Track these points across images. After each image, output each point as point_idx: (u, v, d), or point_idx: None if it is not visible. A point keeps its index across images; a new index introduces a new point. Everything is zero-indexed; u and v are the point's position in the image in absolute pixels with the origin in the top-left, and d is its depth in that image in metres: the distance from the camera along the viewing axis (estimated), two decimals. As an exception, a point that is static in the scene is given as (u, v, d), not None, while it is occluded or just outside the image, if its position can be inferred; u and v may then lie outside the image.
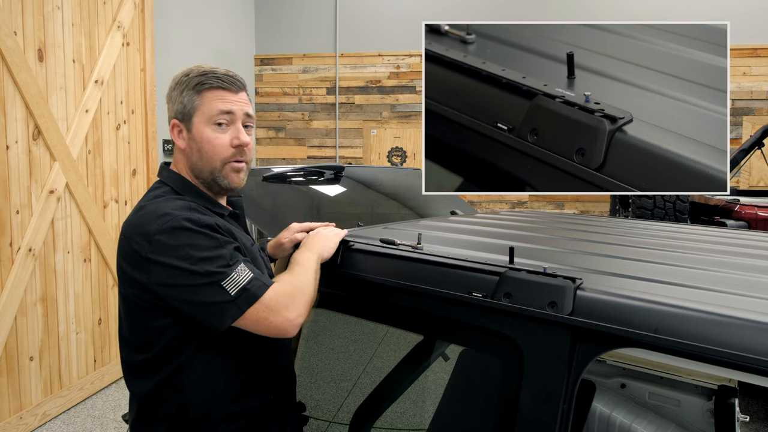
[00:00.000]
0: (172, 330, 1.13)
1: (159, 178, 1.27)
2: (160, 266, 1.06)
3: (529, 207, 6.79)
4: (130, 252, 1.10)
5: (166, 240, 1.06)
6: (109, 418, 3.21)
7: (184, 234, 1.07)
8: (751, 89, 6.17)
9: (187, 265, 1.05)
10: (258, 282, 1.09)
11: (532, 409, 1.01)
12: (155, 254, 1.06)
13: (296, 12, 7.03)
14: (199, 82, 1.18)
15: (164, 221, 1.08)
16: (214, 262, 1.06)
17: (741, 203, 4.20)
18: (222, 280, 1.06)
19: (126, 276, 1.13)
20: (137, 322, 1.15)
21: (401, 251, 1.33)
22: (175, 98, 1.21)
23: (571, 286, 1.02)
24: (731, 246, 1.67)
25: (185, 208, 1.13)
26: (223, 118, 1.19)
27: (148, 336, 1.15)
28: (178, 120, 1.21)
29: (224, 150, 1.19)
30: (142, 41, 3.95)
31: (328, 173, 2.41)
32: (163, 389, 1.16)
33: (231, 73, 1.22)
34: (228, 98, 1.20)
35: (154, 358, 1.15)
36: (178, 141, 1.22)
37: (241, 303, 1.06)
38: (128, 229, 1.13)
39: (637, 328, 0.93)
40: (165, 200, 1.15)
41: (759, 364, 0.82)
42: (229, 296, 1.06)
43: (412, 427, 2.55)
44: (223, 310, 1.06)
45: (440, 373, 1.94)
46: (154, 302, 1.11)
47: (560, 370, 0.99)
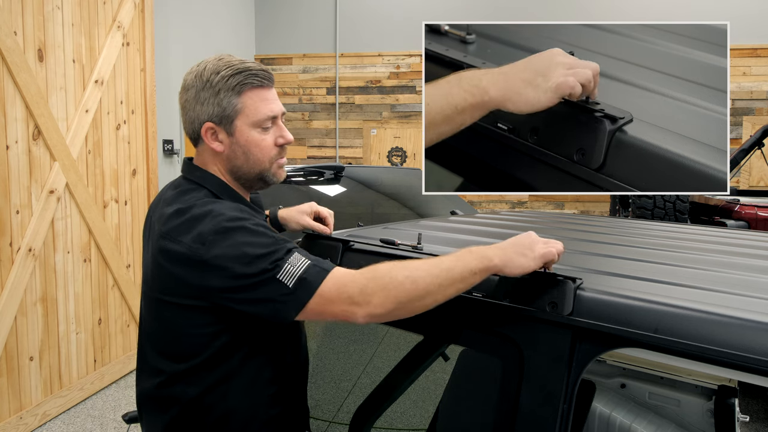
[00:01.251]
0: (225, 336, 1.10)
1: (187, 176, 1.22)
2: (216, 268, 1.02)
3: (529, 207, 6.80)
4: (178, 255, 1.05)
5: (221, 240, 1.03)
6: (109, 418, 3.21)
7: (239, 233, 1.04)
8: (751, 89, 6.17)
9: (241, 267, 1.01)
10: (316, 269, 1.02)
11: (532, 409, 1.01)
12: (210, 255, 1.02)
13: (296, 12, 7.03)
14: (239, 82, 1.14)
15: (219, 221, 1.05)
16: (268, 258, 1.02)
17: (741, 203, 4.20)
18: (277, 273, 1.00)
19: (170, 279, 1.08)
20: (182, 327, 1.11)
21: (401, 251, 1.33)
22: (208, 99, 1.14)
23: (571, 286, 1.02)
24: (731, 246, 1.67)
25: (237, 209, 1.10)
26: (270, 122, 1.17)
27: (197, 342, 1.10)
28: (215, 123, 1.15)
29: (271, 150, 1.18)
30: (142, 41, 3.95)
31: (328, 173, 2.41)
32: (205, 396, 1.12)
33: (263, 67, 1.18)
34: (269, 98, 1.17)
35: (200, 366, 1.11)
36: (213, 144, 1.17)
37: (301, 293, 1.00)
38: (170, 232, 1.08)
39: (637, 328, 0.93)
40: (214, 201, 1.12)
41: (759, 364, 0.82)
42: (287, 288, 1.00)
43: (412, 427, 2.56)
44: (283, 303, 1.01)
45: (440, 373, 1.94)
46: (205, 306, 1.06)
47: (560, 370, 0.99)
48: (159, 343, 1.16)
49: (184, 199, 1.14)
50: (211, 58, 1.18)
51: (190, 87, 1.17)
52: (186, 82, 1.18)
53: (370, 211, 2.60)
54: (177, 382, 1.13)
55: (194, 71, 1.17)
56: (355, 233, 1.62)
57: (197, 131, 1.18)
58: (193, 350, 1.11)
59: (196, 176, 1.20)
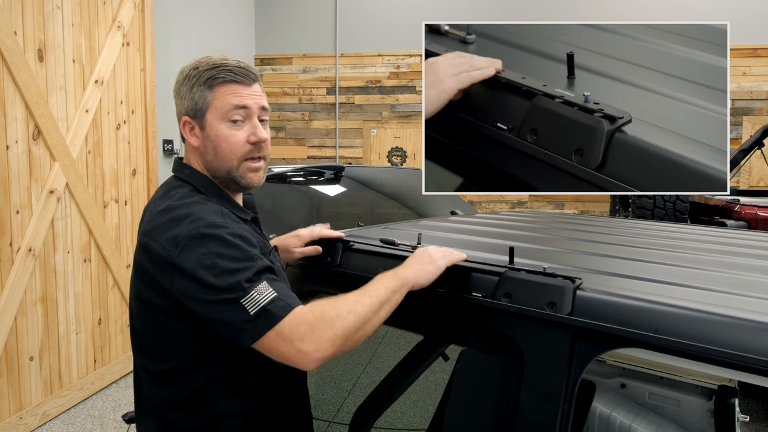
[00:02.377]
0: (197, 339, 1.08)
1: (176, 174, 1.21)
2: (184, 273, 1.00)
3: (529, 207, 6.79)
4: (155, 255, 1.05)
5: (194, 246, 1.01)
6: (109, 418, 3.21)
7: (213, 242, 1.01)
8: (751, 89, 6.17)
9: (210, 277, 0.98)
10: (280, 303, 0.99)
11: (532, 409, 1.01)
12: (181, 260, 1.01)
13: (296, 12, 7.03)
14: (211, 76, 1.13)
15: (196, 226, 1.03)
16: (238, 275, 0.99)
17: (741, 203, 4.20)
18: (242, 297, 0.98)
19: (149, 278, 1.07)
20: (160, 328, 1.09)
21: (401, 251, 1.33)
22: (185, 94, 1.15)
23: (571, 286, 1.02)
24: (731, 246, 1.67)
25: (218, 214, 1.07)
26: (239, 113, 1.13)
27: (172, 344, 1.09)
28: (190, 117, 1.15)
29: (241, 147, 1.14)
30: (142, 41, 3.95)
31: (328, 173, 2.41)
32: (193, 402, 1.11)
33: (243, 65, 1.16)
34: (242, 92, 1.14)
35: (180, 368, 1.10)
36: (190, 139, 1.17)
37: (260, 324, 0.97)
38: (152, 231, 1.07)
39: (637, 328, 0.93)
40: (196, 203, 1.10)
41: (759, 364, 0.82)
42: (248, 315, 0.97)
43: (412, 427, 2.56)
44: (242, 330, 0.98)
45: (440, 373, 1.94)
46: (178, 308, 1.05)
47: (560, 370, 0.99)
48: (143, 342, 1.15)
49: (169, 195, 1.13)
50: (200, 57, 1.19)
51: (175, 83, 1.19)
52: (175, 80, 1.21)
53: (370, 211, 2.60)
54: (162, 383, 1.12)
55: (181, 69, 1.19)
56: (355, 233, 1.62)
57: (180, 126, 1.19)
58: (172, 352, 1.10)
59: (183, 174, 1.19)
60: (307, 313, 1.00)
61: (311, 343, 0.97)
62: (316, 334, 0.98)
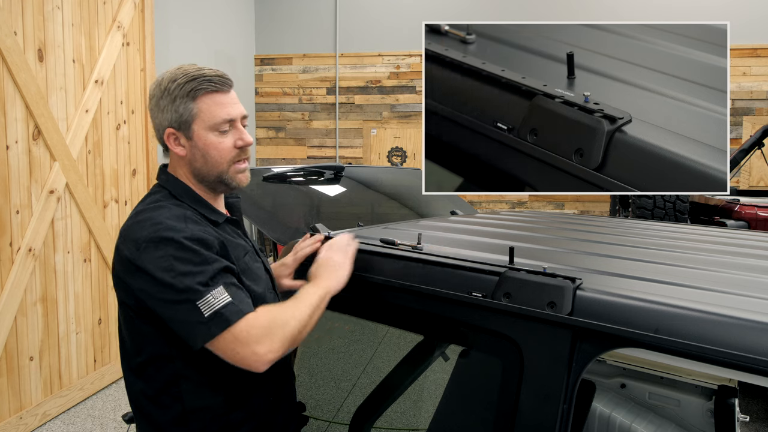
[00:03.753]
0: (159, 337, 1.14)
1: (157, 179, 1.29)
2: (144, 274, 1.07)
3: (529, 207, 6.79)
4: (122, 257, 1.12)
5: (153, 249, 1.08)
6: (109, 418, 3.21)
7: (171, 245, 1.08)
8: (751, 89, 6.17)
9: (167, 278, 1.05)
10: (234, 308, 1.07)
11: (532, 409, 1.01)
12: (141, 261, 1.08)
13: (296, 12, 7.03)
14: (193, 88, 1.18)
15: (155, 229, 1.10)
16: (194, 277, 1.06)
17: (741, 203, 4.20)
18: (197, 299, 1.05)
19: (118, 279, 1.15)
20: (130, 325, 1.18)
21: (401, 251, 1.33)
22: (166, 107, 1.20)
23: (571, 286, 1.02)
24: (731, 246, 1.67)
25: (179, 218, 1.14)
26: (226, 125, 1.21)
27: (140, 340, 1.17)
28: (174, 129, 1.21)
29: (229, 152, 1.22)
30: (142, 41, 3.95)
31: (328, 173, 2.41)
32: (161, 396, 1.17)
33: (220, 73, 1.23)
34: (224, 102, 1.21)
35: (146, 363, 1.17)
36: (175, 149, 1.23)
37: (213, 327, 1.05)
38: (123, 234, 1.15)
39: (637, 328, 0.93)
40: (161, 207, 1.17)
41: (759, 364, 0.82)
42: (202, 317, 1.05)
43: (412, 427, 2.56)
44: (194, 330, 1.05)
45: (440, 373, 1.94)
46: (141, 307, 1.12)
47: (560, 370, 0.99)
48: (122, 336, 1.23)
49: (144, 201, 1.22)
50: (171, 69, 1.23)
51: (152, 96, 1.23)
52: (150, 91, 1.25)
53: (370, 211, 2.60)
54: (138, 376, 1.19)
55: (156, 81, 1.23)
56: (355, 233, 1.62)
57: (162, 137, 1.24)
58: (140, 347, 1.17)
59: (161, 179, 1.27)
60: (260, 317, 1.09)
61: (265, 345, 1.06)
62: (270, 336, 1.07)
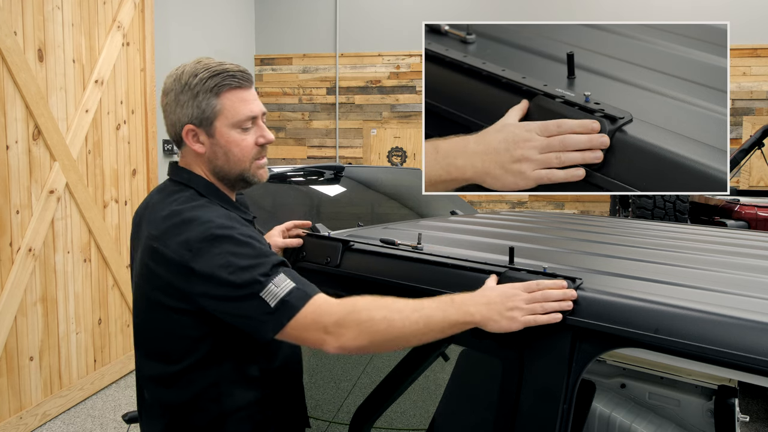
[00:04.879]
0: (211, 339, 1.11)
1: (173, 178, 1.23)
2: (202, 276, 1.03)
3: (529, 207, 6.79)
4: (167, 259, 1.07)
5: (208, 248, 1.04)
6: (109, 418, 3.21)
7: (226, 242, 1.05)
8: (751, 89, 6.17)
9: (226, 275, 1.02)
10: (299, 293, 1.03)
11: (532, 409, 1.01)
12: (197, 263, 1.03)
13: (296, 12, 7.03)
14: (216, 84, 1.14)
15: (206, 228, 1.06)
16: (253, 270, 1.03)
17: (741, 203, 4.20)
18: (260, 291, 1.01)
19: (160, 282, 1.09)
20: (172, 330, 1.11)
21: (401, 251, 1.33)
22: (186, 102, 1.16)
23: (571, 287, 1.02)
24: (731, 246, 1.67)
25: (225, 216, 1.11)
26: (249, 122, 1.18)
27: (184, 345, 1.12)
28: (195, 125, 1.17)
29: (251, 150, 1.19)
30: (142, 41, 3.95)
31: (328, 173, 2.40)
32: (198, 400, 1.14)
33: (242, 68, 1.19)
34: (247, 98, 1.18)
35: (189, 368, 1.12)
36: (194, 146, 1.18)
37: (281, 315, 1.01)
38: (160, 236, 1.09)
39: (637, 328, 0.93)
40: (203, 207, 1.13)
41: (759, 364, 0.82)
42: (269, 308, 1.01)
43: (412, 427, 2.56)
44: (262, 322, 1.02)
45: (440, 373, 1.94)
46: (194, 309, 1.08)
47: (560, 370, 0.99)
48: (150, 346, 1.17)
49: (172, 200, 1.15)
50: (190, 62, 1.19)
51: (169, 90, 1.18)
52: (165, 85, 1.20)
53: (370, 211, 2.60)
54: (171, 385, 1.14)
55: (173, 75, 1.18)
56: (355, 233, 1.62)
57: (179, 134, 1.19)
58: (182, 353, 1.12)
59: (182, 177, 1.21)
60: (333, 304, 1.03)
61: (334, 333, 1.01)
62: (340, 326, 1.00)
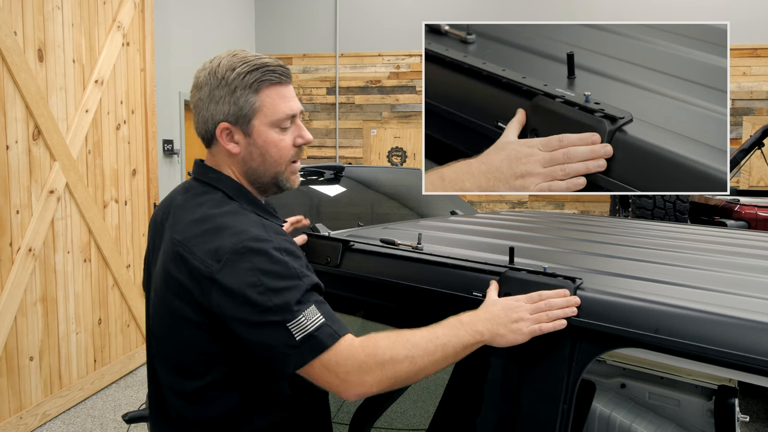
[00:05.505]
0: (228, 359, 1.02)
1: (199, 178, 1.13)
2: (227, 290, 0.94)
3: (529, 207, 6.80)
4: (192, 267, 0.98)
5: (238, 261, 0.94)
6: (109, 418, 3.21)
7: (259, 257, 0.95)
8: (751, 89, 6.17)
9: (254, 295, 0.92)
10: (328, 330, 0.93)
11: (532, 409, 1.01)
12: (223, 275, 0.94)
13: (296, 12, 7.03)
14: (256, 79, 1.05)
15: (240, 239, 0.96)
16: (285, 295, 0.93)
17: (741, 203, 4.20)
18: (289, 321, 0.92)
19: (182, 291, 1.00)
20: (191, 343, 1.03)
21: (401, 251, 1.33)
22: (223, 98, 1.06)
23: (571, 286, 1.02)
24: (731, 246, 1.67)
25: (260, 226, 1.01)
26: (289, 121, 1.09)
27: (203, 360, 1.03)
28: (230, 123, 1.07)
29: (289, 151, 1.10)
30: (142, 41, 3.95)
31: (328, 173, 2.40)
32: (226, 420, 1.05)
33: (280, 63, 1.10)
34: (287, 95, 1.09)
35: (210, 386, 1.04)
36: (228, 146, 1.08)
37: (306, 352, 0.92)
38: (191, 241, 1.00)
39: (637, 328, 0.93)
40: (237, 213, 1.03)
41: (759, 364, 0.82)
42: (294, 341, 0.92)
43: (412, 427, 2.56)
44: (285, 356, 0.93)
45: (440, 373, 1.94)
46: (213, 325, 0.99)
47: (560, 370, 0.99)
48: (172, 358, 1.09)
49: (199, 201, 1.07)
50: (225, 54, 1.09)
51: (203, 85, 1.08)
52: (198, 80, 1.10)
53: (370, 211, 2.60)
54: (193, 402, 1.06)
55: (207, 68, 1.09)
56: (355, 233, 1.62)
57: (211, 131, 1.09)
58: (202, 369, 1.04)
59: (209, 178, 1.11)
60: (357, 347, 0.95)
61: (356, 381, 0.93)
62: (363, 372, 0.93)
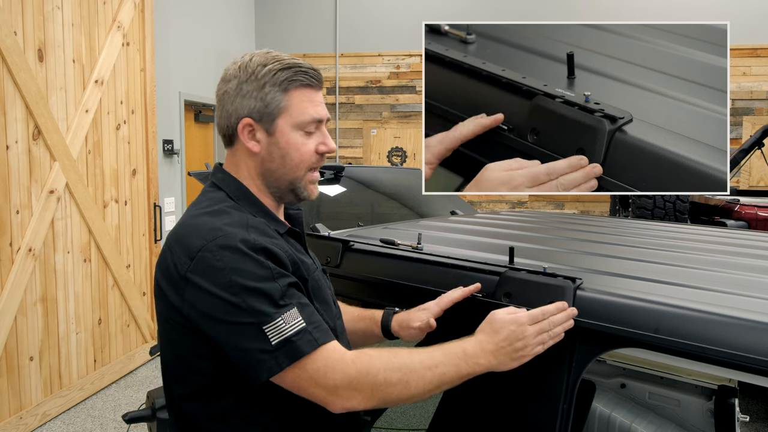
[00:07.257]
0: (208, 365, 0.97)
1: (211, 179, 1.11)
2: (197, 289, 0.91)
3: (529, 207, 6.79)
4: (167, 266, 0.96)
5: (209, 259, 0.91)
6: (109, 418, 3.21)
7: (231, 256, 0.91)
8: (751, 89, 6.17)
9: (227, 295, 0.89)
10: (308, 336, 0.89)
11: (532, 409, 1.01)
12: (194, 274, 0.91)
13: (296, 12, 7.03)
14: (286, 78, 1.03)
15: (213, 236, 0.93)
16: (261, 296, 0.89)
17: (741, 203, 4.20)
18: (265, 323, 0.87)
19: (161, 292, 0.98)
20: (176, 346, 1.00)
21: (401, 251, 1.33)
22: (250, 93, 1.03)
23: (571, 286, 1.02)
24: (731, 246, 1.67)
25: (242, 225, 0.96)
26: (314, 125, 1.05)
27: (183, 368, 1.00)
28: (254, 119, 1.03)
29: (310, 157, 1.06)
30: (142, 41, 3.95)
31: (328, 173, 2.40)
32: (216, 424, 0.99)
33: (314, 67, 1.08)
34: (316, 99, 1.06)
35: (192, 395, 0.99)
36: (249, 143, 1.05)
37: (281, 357, 0.87)
38: (171, 240, 0.98)
39: (637, 328, 0.93)
40: (221, 212, 1.00)
41: (759, 364, 0.82)
42: (269, 345, 0.87)
43: (412, 427, 2.56)
44: (258, 361, 0.88)
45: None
46: (189, 327, 0.95)
47: (560, 370, 0.99)
48: (171, 369, 1.05)
49: (198, 202, 1.06)
50: (259, 51, 1.08)
51: (231, 78, 1.05)
52: (227, 72, 1.07)
53: (370, 211, 2.60)
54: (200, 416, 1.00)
55: (238, 62, 1.07)
56: (355, 233, 1.62)
57: (233, 127, 1.05)
58: (180, 377, 1.00)
59: (217, 178, 1.09)
60: (348, 361, 0.91)
61: (344, 395, 0.90)
62: (353, 388, 0.90)
